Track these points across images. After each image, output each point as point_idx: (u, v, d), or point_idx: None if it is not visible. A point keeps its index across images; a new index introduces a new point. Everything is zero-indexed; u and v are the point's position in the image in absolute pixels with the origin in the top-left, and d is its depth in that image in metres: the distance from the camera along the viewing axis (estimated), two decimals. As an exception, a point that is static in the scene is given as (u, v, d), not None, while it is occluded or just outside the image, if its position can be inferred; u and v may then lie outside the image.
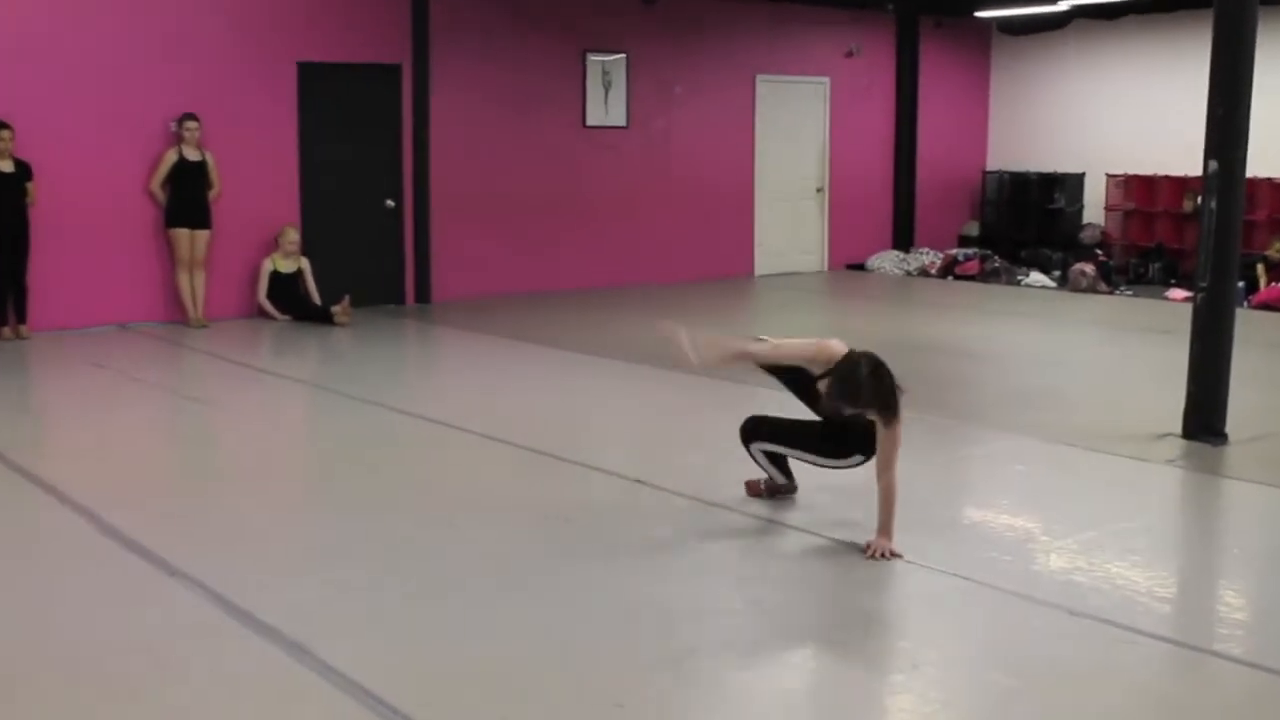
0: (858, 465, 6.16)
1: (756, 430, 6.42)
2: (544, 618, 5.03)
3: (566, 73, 14.79)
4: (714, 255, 16.24)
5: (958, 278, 16.60)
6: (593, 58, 14.96)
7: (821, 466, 6.28)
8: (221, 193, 12.37)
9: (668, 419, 8.72)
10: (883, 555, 5.67)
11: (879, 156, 17.84)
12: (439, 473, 7.36)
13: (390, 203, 13.68)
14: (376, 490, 6.92)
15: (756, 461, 6.44)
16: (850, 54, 17.27)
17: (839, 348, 6.01)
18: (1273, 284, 14.47)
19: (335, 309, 12.40)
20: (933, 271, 17.00)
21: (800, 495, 6.50)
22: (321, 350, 11.54)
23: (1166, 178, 16.71)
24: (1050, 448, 7.72)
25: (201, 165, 12.19)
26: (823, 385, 5.95)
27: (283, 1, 12.79)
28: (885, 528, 5.76)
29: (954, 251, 17.38)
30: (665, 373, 10.01)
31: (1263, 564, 5.93)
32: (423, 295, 13.90)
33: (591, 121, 14.98)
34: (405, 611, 5.11)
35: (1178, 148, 15.46)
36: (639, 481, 6.90)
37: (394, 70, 13.55)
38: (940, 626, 5.14)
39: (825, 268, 17.40)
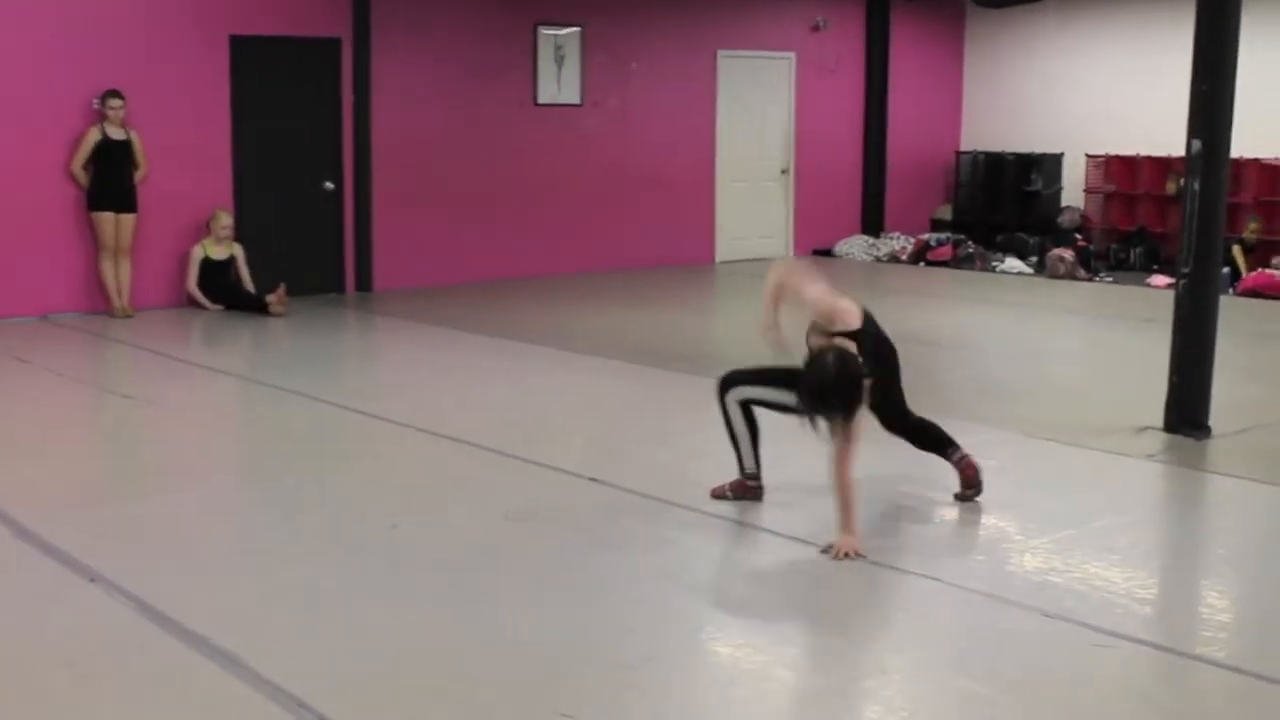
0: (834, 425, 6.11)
1: (735, 377, 6.38)
2: (492, 623, 5.02)
3: (517, 47, 14.75)
4: (673, 241, 16.24)
5: (930, 264, 16.67)
6: (545, 31, 14.93)
7: (799, 416, 6.14)
8: (148, 174, 12.27)
9: (625, 414, 8.72)
10: (846, 555, 5.68)
11: (847, 136, 17.88)
12: (382, 472, 7.33)
13: (329, 185, 13.61)
14: (314, 490, 6.89)
15: (729, 422, 6.39)
16: (817, 28, 17.29)
17: (848, 316, 6.04)
18: (1258, 270, 14.60)
19: (270, 298, 12.32)
20: (903, 257, 17.06)
21: (765, 495, 6.50)
22: (256, 342, 11.48)
23: (1149, 158, 16.81)
24: (1026, 442, 7.76)
25: (126, 145, 12.08)
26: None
27: (213, -30, 12.72)
28: (846, 525, 5.78)
29: (926, 236, 17.44)
30: (623, 365, 10.03)
31: (1247, 563, 5.99)
32: (364, 284, 13.84)
33: (543, 99, 14.95)
34: (344, 618, 5.09)
35: (1161, 126, 15.55)
36: (595, 480, 6.90)
37: (333, 44, 13.47)
38: (908, 630, 5.17)
39: (790, 253, 17.42)
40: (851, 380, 5.73)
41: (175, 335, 11.58)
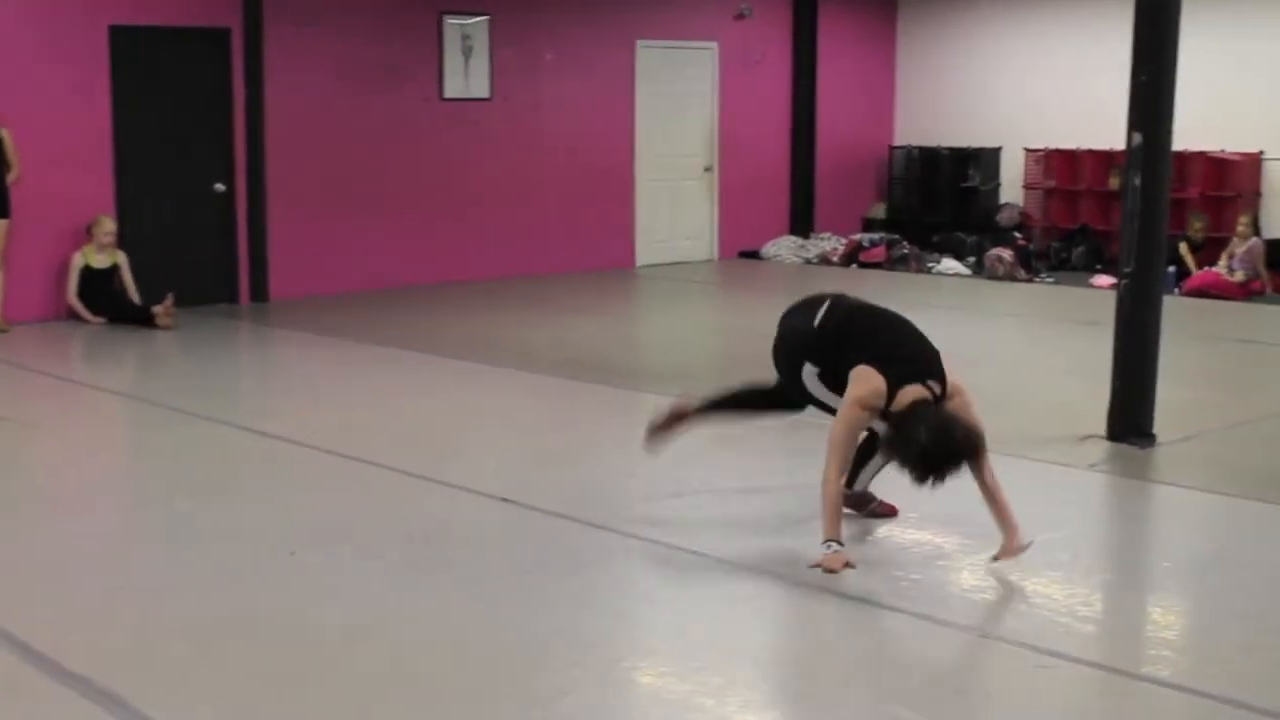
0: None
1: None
2: (395, 655, 5.00)
3: (421, 38, 14.71)
4: (590, 244, 16.24)
5: (863, 265, 16.79)
6: (451, 20, 14.91)
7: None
8: (21, 175, 12.11)
9: (540, 430, 8.71)
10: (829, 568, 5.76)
11: (774, 131, 17.98)
12: (280, 496, 7.27)
13: (220, 187, 13.50)
14: (207, 518, 6.82)
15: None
16: (740, 16, 17.38)
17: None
18: (1205, 268, 14.84)
19: (157, 310, 12.20)
20: (835, 259, 17.18)
21: (679, 513, 6.52)
22: (142, 357, 11.37)
23: (1090, 152, 17.04)
24: (964, 453, 7.82)
25: (-3, 144, 11.96)
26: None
27: (91, -44, 12.60)
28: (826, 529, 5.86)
29: (858, 236, 17.57)
30: (538, 378, 10.03)
31: (1194, 577, 6.08)
32: (259, 293, 13.74)
33: (450, 93, 14.92)
34: (238, 656, 5.05)
35: (1102, 118, 15.74)
36: (506, 500, 6.90)
37: (222, 35, 13.37)
38: (840, 655, 5.20)
39: (715, 256, 17.48)
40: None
41: (54, 350, 11.44)
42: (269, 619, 5.39)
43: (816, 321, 6.21)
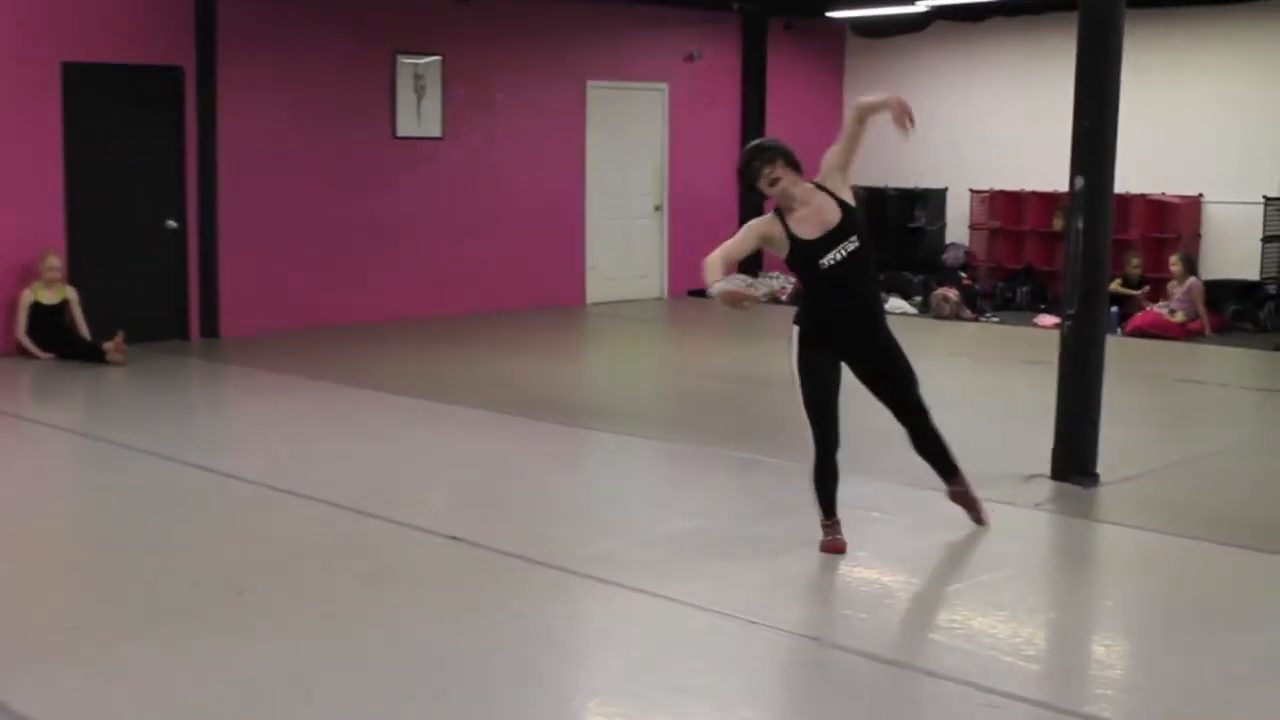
0: None
1: None
2: (345, 694, 4.98)
3: (374, 77, 14.72)
4: (541, 282, 16.26)
5: (811, 304, 16.84)
6: (404, 60, 14.92)
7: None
8: (-28, 213, 12.06)
9: (490, 468, 8.69)
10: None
11: (724, 170, 17.94)
12: (228, 533, 7.23)
13: (172, 223, 13.45)
14: (155, 556, 6.77)
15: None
16: (691, 58, 17.47)
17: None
18: (1147, 307, 14.96)
19: (108, 346, 12.12)
20: (783, 298, 17.19)
21: (629, 551, 6.52)
22: (92, 394, 11.29)
23: (1034, 194, 17.19)
24: (909, 492, 7.85)
25: (-52, 181, 11.88)
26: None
27: (44, -6, 12.55)
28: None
29: (806, 276, 17.62)
30: (488, 415, 10.00)
31: (1137, 616, 6.12)
32: (210, 329, 13.68)
33: (403, 132, 14.93)
34: (186, 695, 5.01)
35: (1046, 161, 15.85)
36: (456, 539, 6.87)
37: (175, 73, 13.33)
38: (788, 696, 5.20)
39: (665, 295, 17.54)
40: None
41: (2, 387, 11.34)
42: (217, 659, 5.34)
43: None
